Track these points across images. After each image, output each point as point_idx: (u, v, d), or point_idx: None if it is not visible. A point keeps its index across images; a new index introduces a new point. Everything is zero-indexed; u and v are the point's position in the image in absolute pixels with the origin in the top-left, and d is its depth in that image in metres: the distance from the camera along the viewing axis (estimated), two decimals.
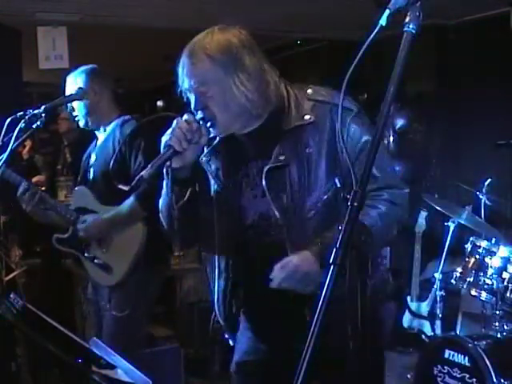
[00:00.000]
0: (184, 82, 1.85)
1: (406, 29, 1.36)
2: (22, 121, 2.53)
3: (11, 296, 1.64)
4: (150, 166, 1.82)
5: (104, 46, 6.38)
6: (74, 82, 3.17)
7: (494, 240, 3.74)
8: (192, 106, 1.86)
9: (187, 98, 1.88)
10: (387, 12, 1.38)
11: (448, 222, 4.51)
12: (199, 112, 1.86)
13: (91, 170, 3.25)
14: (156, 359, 3.74)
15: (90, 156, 3.32)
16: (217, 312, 2.09)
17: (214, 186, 2.02)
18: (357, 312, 1.39)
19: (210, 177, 2.01)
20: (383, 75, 1.46)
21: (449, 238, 4.54)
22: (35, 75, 6.24)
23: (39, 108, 2.58)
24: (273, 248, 1.92)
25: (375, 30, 1.38)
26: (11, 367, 3.71)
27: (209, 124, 1.87)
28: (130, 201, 3.05)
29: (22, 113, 2.56)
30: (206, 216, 1.99)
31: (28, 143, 5.94)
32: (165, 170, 1.88)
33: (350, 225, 1.29)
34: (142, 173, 1.82)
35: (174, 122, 1.87)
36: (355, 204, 1.30)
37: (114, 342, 2.89)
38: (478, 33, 5.37)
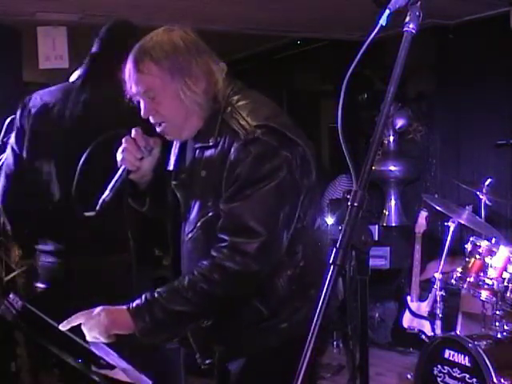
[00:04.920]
0: (132, 87, 1.84)
1: (405, 29, 1.36)
2: None
3: (11, 296, 1.64)
4: (109, 189, 1.86)
5: None
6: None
7: (494, 240, 3.74)
8: (142, 112, 1.86)
9: (138, 103, 1.87)
10: (387, 12, 1.38)
11: (448, 222, 4.51)
12: (150, 117, 1.86)
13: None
14: (156, 359, 3.73)
15: None
16: None
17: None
18: (357, 312, 1.40)
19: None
20: (383, 75, 1.46)
21: (449, 238, 4.55)
22: (35, 75, 6.23)
23: None
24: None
25: (375, 30, 1.38)
26: (11, 367, 3.70)
27: (160, 129, 1.88)
28: None
29: None
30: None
31: None
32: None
33: (350, 225, 1.29)
34: (103, 197, 1.86)
35: (123, 140, 1.89)
36: (355, 204, 1.30)
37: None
38: (478, 33, 5.36)
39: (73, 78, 2.61)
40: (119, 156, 1.89)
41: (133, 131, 1.90)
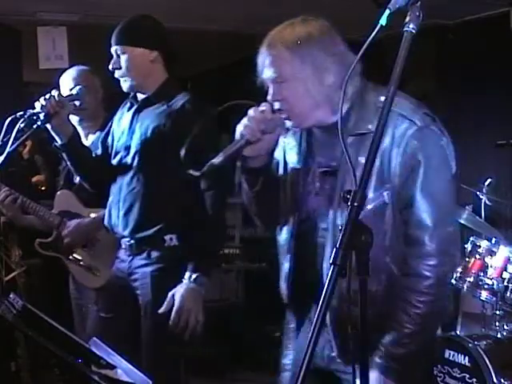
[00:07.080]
0: (262, 71, 1.85)
1: (406, 29, 1.36)
2: (22, 121, 2.53)
3: (11, 296, 1.64)
4: (221, 153, 1.81)
5: (104, 46, 6.38)
6: (68, 82, 3.15)
7: (494, 240, 3.74)
8: (269, 96, 1.86)
9: (267, 87, 1.87)
10: (387, 12, 1.38)
11: None
12: (276, 103, 1.85)
13: None
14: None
15: None
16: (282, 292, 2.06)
17: (283, 166, 2.02)
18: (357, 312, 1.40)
19: (283, 157, 2.02)
20: (383, 75, 1.46)
21: None
22: (35, 75, 6.24)
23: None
24: (316, 248, 1.90)
25: (375, 30, 1.38)
26: (11, 367, 3.70)
27: (285, 115, 1.86)
28: None
29: (22, 113, 2.56)
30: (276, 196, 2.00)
31: (28, 143, 5.94)
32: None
33: (350, 225, 1.29)
34: (212, 160, 1.80)
35: (250, 111, 1.86)
36: (355, 204, 1.30)
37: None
38: (477, 33, 5.36)
39: None
40: (242, 124, 1.84)
41: (262, 105, 1.87)
